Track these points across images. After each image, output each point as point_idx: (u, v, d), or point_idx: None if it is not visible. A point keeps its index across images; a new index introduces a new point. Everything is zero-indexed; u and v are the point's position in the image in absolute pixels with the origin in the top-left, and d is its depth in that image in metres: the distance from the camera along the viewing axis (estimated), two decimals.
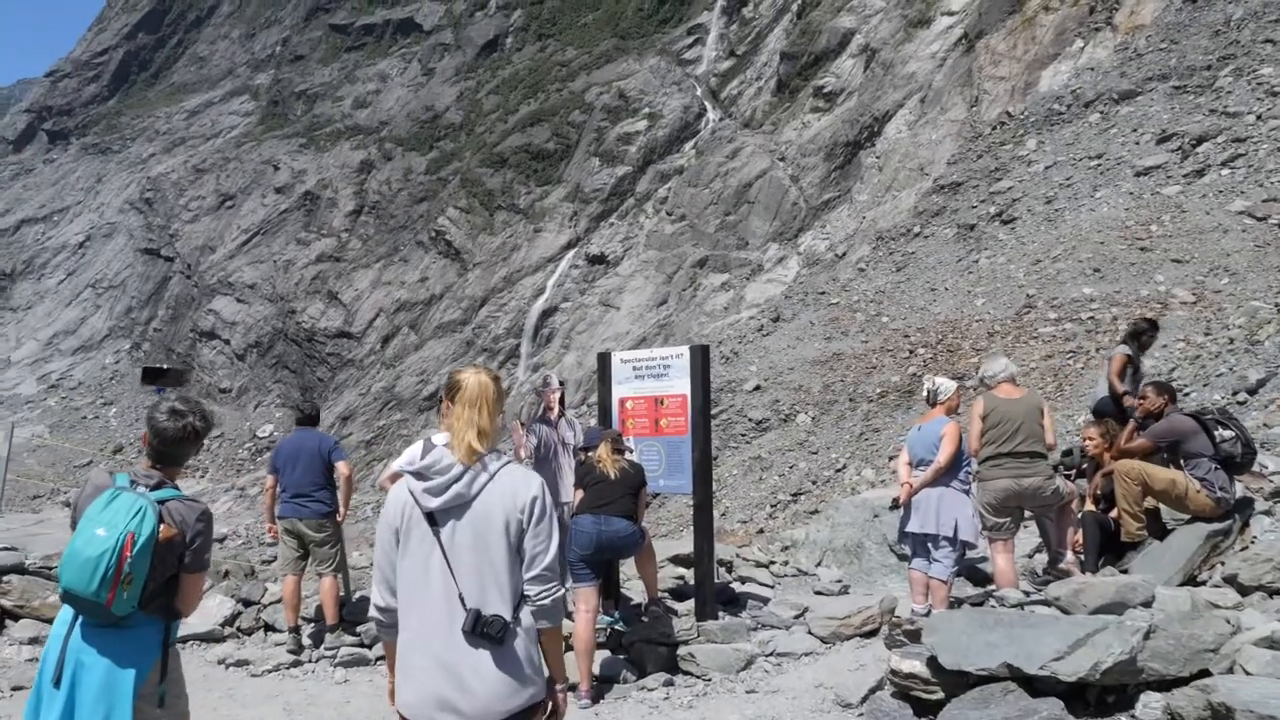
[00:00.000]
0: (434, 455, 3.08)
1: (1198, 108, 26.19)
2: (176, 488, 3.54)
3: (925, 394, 7.81)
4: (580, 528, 6.96)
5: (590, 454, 7.29)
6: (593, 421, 9.04)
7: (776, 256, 39.28)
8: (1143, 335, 10.18)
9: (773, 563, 9.92)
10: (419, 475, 3.04)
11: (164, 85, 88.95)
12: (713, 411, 23.99)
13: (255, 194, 62.58)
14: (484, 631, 2.94)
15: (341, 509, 8.18)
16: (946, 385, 7.67)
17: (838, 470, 18.26)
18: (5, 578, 8.16)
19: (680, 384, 7.73)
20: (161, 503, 3.40)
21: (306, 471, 7.99)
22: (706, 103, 50.94)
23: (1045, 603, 5.98)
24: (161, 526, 3.32)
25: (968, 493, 7.45)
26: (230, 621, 8.52)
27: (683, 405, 7.72)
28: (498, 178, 52.12)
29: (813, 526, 10.58)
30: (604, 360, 8.38)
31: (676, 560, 9.38)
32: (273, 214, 60.08)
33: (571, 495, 7.45)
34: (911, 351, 22.04)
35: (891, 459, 17.08)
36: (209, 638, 8.31)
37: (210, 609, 8.48)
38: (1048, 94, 31.58)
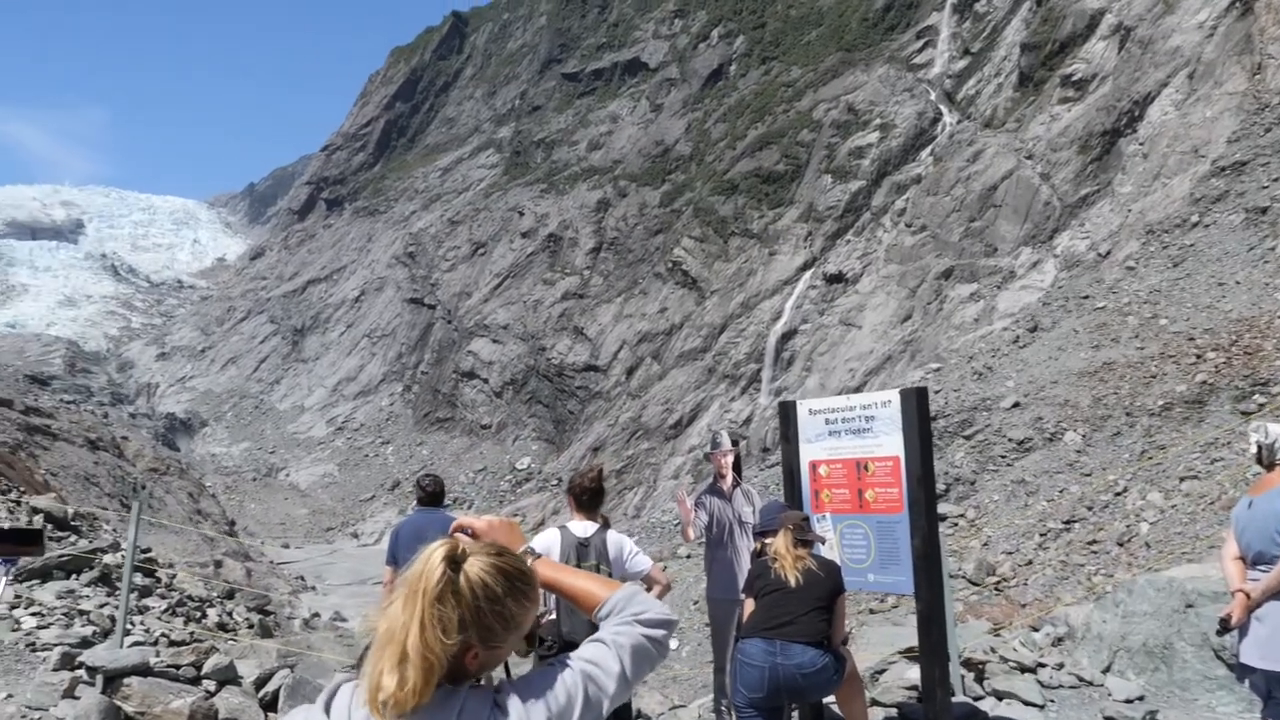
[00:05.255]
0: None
1: None
2: None
3: (1253, 450, 4.85)
4: (748, 659, 4.93)
5: (765, 544, 5.23)
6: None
7: (1030, 261, 36.67)
8: None
9: (1042, 665, 7.33)
10: None
11: (419, 148, 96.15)
12: (967, 432, 22.56)
13: (504, 240, 66.10)
14: None
15: None
16: None
17: (1117, 494, 16.47)
18: (126, 680, 7.06)
19: (890, 442, 5.65)
20: None
21: None
22: (942, 107, 48.69)
23: None
24: None
25: None
26: None
27: (894, 471, 5.63)
28: (729, 204, 52.14)
29: (1097, 613, 7.78)
30: (786, 411, 6.29)
31: (911, 655, 6.92)
32: (520, 257, 63.16)
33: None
34: (1199, 356, 19.67)
35: (1183, 481, 15.20)
36: None
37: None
38: None
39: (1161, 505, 15.06)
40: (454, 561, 1.74)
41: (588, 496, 5.35)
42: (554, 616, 4.91)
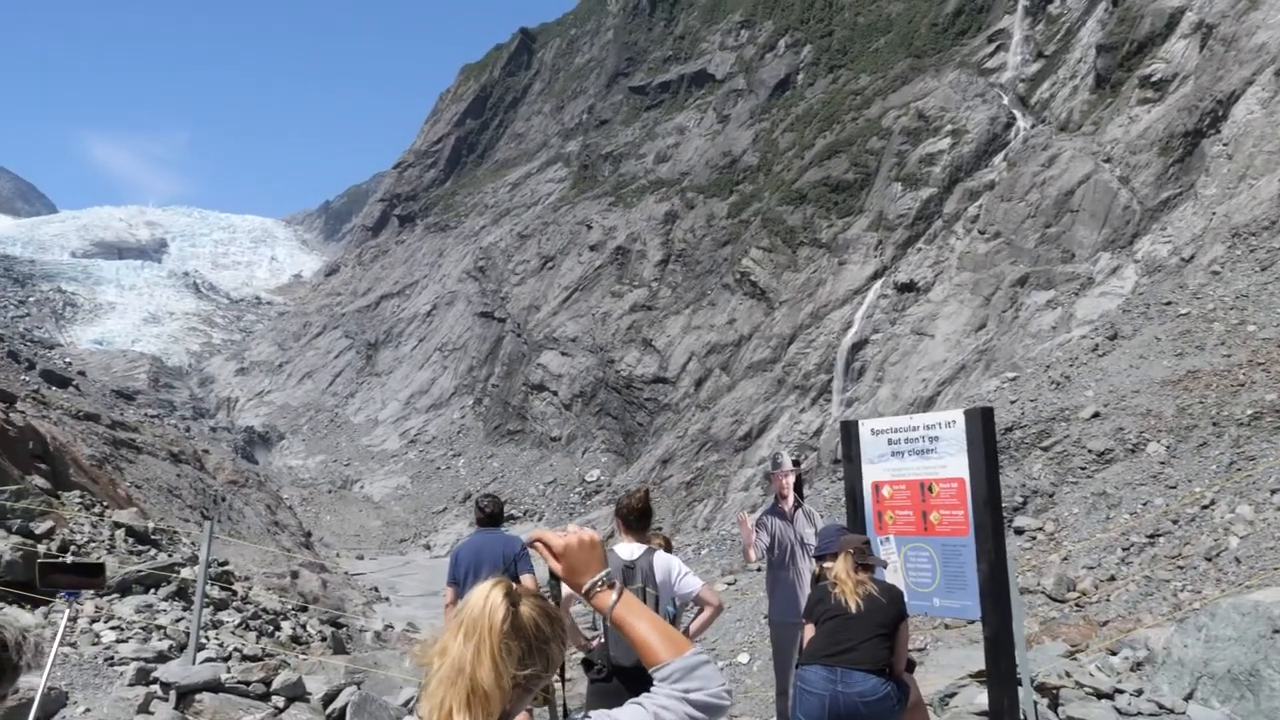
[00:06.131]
0: None
1: None
2: None
3: None
4: (808, 686, 4.83)
5: (825, 568, 5.14)
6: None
7: (1109, 267, 35.67)
8: None
9: (1119, 691, 6.96)
10: None
11: (489, 164, 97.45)
12: (1045, 443, 21.96)
13: (572, 253, 66.53)
14: None
15: None
16: None
17: (1204, 508, 15.86)
18: (198, 696, 7.09)
19: (955, 463, 5.50)
20: None
21: None
22: (1015, 111, 47.72)
23: None
24: None
25: None
26: None
27: (960, 493, 5.48)
28: (798, 214, 51.75)
29: (1178, 638, 7.40)
30: (848, 431, 6.23)
31: (982, 679, 6.59)
32: (589, 270, 63.49)
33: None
34: None
35: (1274, 493, 14.58)
36: None
37: None
38: None
39: (1252, 519, 14.45)
40: (512, 600, 1.77)
41: (635, 517, 5.30)
42: (603, 640, 4.87)
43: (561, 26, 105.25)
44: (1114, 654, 7.96)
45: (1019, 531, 19.08)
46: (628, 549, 5.19)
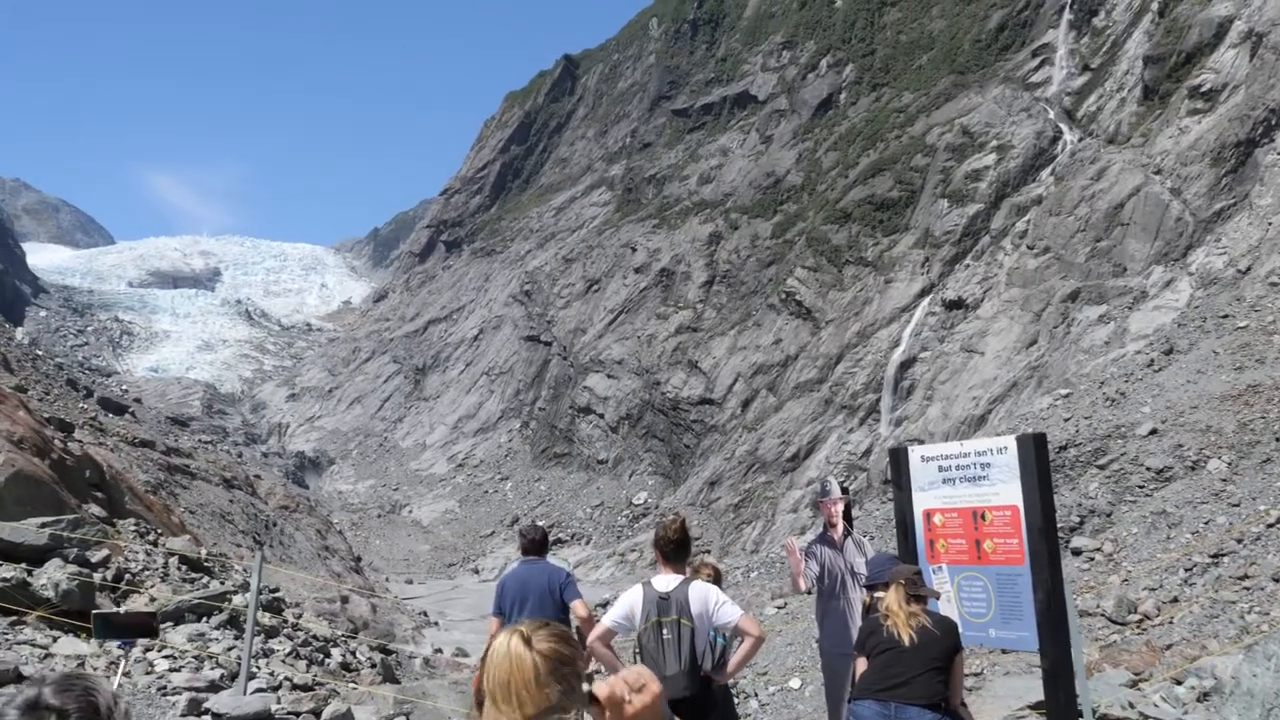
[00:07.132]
0: None
1: None
2: None
3: None
4: None
5: (876, 599, 5.06)
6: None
7: (1163, 280, 34.96)
8: None
9: None
10: None
11: (534, 189, 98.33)
12: (1101, 461, 21.50)
13: (617, 276, 66.76)
14: None
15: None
16: None
17: (1269, 526, 15.39)
18: None
19: (1008, 490, 5.35)
20: None
21: (537, 611, 6.48)
22: (1061, 125, 47.11)
23: None
24: None
25: None
26: None
27: (1014, 521, 5.33)
28: (843, 233, 51.45)
29: (1246, 666, 6.92)
30: (898, 458, 6.12)
31: (1042, 710, 6.54)
32: (634, 293, 63.64)
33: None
34: None
35: None
36: None
37: None
38: None
39: None
40: (529, 644, 1.79)
41: (672, 549, 5.26)
42: None
43: (604, 52, 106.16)
44: (1179, 683, 7.63)
45: (1076, 552, 18.67)
46: (664, 580, 5.15)
